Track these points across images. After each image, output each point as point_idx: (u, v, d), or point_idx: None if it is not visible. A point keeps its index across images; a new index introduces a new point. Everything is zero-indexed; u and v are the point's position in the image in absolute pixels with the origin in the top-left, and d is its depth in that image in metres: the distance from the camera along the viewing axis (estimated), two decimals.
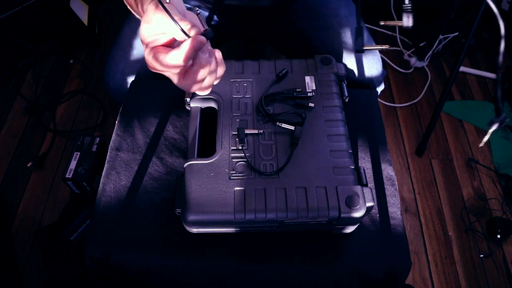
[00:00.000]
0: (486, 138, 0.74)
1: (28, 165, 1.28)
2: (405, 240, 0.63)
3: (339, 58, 0.85)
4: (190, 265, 0.61)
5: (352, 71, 0.85)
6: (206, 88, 0.54)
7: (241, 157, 0.61)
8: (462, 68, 1.63)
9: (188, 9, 0.52)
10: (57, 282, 1.02)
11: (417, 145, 1.41)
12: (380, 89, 0.90)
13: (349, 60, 0.85)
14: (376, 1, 1.70)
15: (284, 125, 0.65)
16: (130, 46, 0.85)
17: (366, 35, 0.89)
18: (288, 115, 0.67)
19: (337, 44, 0.86)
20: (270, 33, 0.98)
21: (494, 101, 0.73)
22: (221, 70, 0.54)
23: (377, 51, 0.89)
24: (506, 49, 1.78)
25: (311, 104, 0.67)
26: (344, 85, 0.73)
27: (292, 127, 0.64)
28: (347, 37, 0.86)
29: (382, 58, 1.59)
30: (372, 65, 0.86)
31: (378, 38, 1.75)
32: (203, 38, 0.48)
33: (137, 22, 0.87)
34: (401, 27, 1.83)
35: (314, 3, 0.90)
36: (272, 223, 0.58)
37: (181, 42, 0.48)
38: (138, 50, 0.85)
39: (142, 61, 0.85)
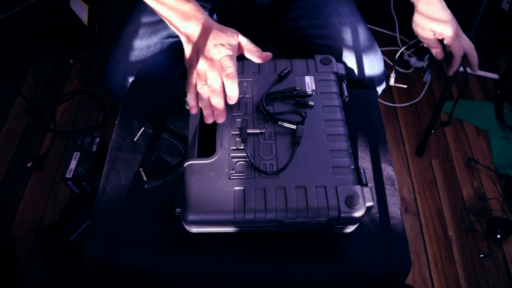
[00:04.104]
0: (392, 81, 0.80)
1: (28, 165, 1.28)
2: (405, 240, 0.63)
3: (340, 57, 0.85)
4: (190, 265, 0.61)
5: (353, 70, 0.85)
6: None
7: (241, 157, 0.61)
8: (462, 68, 1.63)
9: None
10: (57, 282, 1.02)
11: (417, 145, 1.41)
12: (382, 88, 0.89)
13: (351, 59, 0.85)
14: (376, 1, 1.70)
15: (286, 125, 0.65)
16: (131, 46, 0.85)
17: (368, 35, 0.89)
18: (289, 114, 0.67)
19: (338, 43, 0.86)
20: (270, 32, 0.98)
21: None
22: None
23: (379, 50, 0.89)
24: (505, 49, 1.78)
25: (311, 103, 0.67)
26: (344, 85, 0.73)
27: (293, 126, 0.64)
28: (348, 36, 0.86)
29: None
30: (374, 64, 0.86)
31: (378, 38, 1.75)
32: None
33: (138, 23, 0.87)
34: (401, 27, 1.81)
35: (314, 1, 0.90)
36: (272, 223, 0.58)
37: None
38: (140, 50, 0.85)
39: (144, 61, 0.85)
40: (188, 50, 0.64)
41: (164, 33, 0.86)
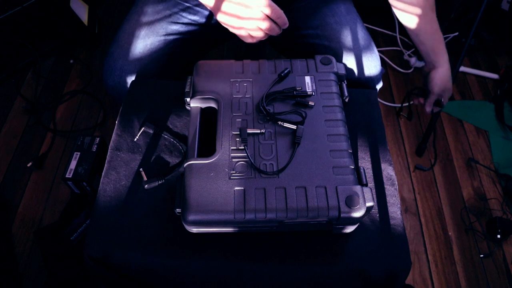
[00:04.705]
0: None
1: (28, 165, 1.28)
2: (405, 240, 0.63)
3: (337, 57, 0.85)
4: (190, 265, 0.61)
5: (351, 70, 0.85)
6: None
7: (241, 157, 0.61)
8: (462, 68, 1.63)
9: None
10: (57, 282, 1.02)
11: (417, 145, 1.41)
12: (378, 87, 0.90)
13: (348, 59, 0.85)
14: (376, 1, 1.70)
15: (286, 125, 0.65)
16: (128, 43, 0.85)
17: (364, 34, 0.89)
18: (289, 114, 0.67)
19: (334, 43, 0.86)
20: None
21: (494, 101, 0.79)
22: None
23: (375, 49, 0.89)
24: (506, 49, 1.79)
25: (311, 103, 0.67)
26: (344, 85, 0.73)
27: (293, 127, 0.64)
28: (344, 35, 0.86)
29: (382, 58, 1.58)
30: (371, 63, 0.86)
31: (378, 38, 1.75)
32: None
33: (136, 21, 0.87)
34: (401, 27, 1.82)
35: (312, 2, 0.90)
36: (272, 223, 0.58)
37: None
38: (137, 48, 0.85)
39: (141, 58, 0.85)
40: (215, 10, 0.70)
41: (161, 31, 0.86)
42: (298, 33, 0.90)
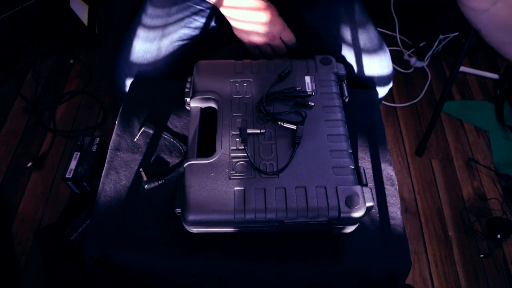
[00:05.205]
0: None
1: (28, 165, 1.28)
2: (405, 240, 0.63)
3: (350, 56, 0.85)
4: (190, 265, 0.61)
5: (364, 69, 0.85)
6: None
7: (241, 157, 0.61)
8: (462, 68, 1.63)
9: None
10: (57, 282, 1.02)
11: (417, 145, 1.41)
12: (389, 86, 0.90)
13: (362, 58, 0.85)
14: (376, 1, 1.70)
15: (286, 125, 0.65)
16: (142, 49, 0.84)
17: (377, 34, 0.89)
18: (289, 114, 0.67)
19: (347, 42, 0.86)
20: None
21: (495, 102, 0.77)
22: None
23: (387, 49, 0.89)
24: None
25: (311, 103, 0.67)
26: (344, 85, 0.73)
27: (293, 127, 0.64)
28: (358, 34, 0.86)
29: None
30: (384, 63, 0.87)
31: None
32: None
33: (148, 25, 0.86)
34: (401, 27, 1.81)
35: (326, 3, 0.89)
36: (272, 223, 0.58)
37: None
38: (151, 53, 0.84)
39: (153, 63, 0.84)
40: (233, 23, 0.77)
41: (175, 36, 0.85)
42: (312, 30, 0.90)
